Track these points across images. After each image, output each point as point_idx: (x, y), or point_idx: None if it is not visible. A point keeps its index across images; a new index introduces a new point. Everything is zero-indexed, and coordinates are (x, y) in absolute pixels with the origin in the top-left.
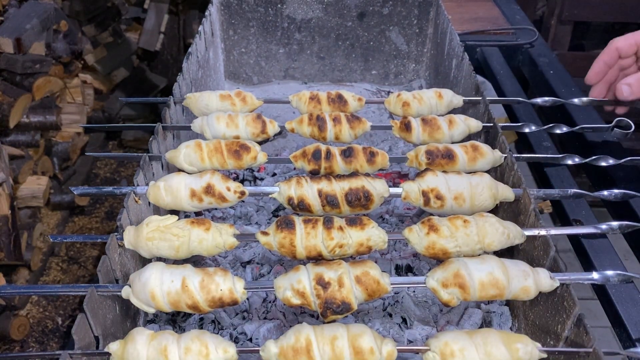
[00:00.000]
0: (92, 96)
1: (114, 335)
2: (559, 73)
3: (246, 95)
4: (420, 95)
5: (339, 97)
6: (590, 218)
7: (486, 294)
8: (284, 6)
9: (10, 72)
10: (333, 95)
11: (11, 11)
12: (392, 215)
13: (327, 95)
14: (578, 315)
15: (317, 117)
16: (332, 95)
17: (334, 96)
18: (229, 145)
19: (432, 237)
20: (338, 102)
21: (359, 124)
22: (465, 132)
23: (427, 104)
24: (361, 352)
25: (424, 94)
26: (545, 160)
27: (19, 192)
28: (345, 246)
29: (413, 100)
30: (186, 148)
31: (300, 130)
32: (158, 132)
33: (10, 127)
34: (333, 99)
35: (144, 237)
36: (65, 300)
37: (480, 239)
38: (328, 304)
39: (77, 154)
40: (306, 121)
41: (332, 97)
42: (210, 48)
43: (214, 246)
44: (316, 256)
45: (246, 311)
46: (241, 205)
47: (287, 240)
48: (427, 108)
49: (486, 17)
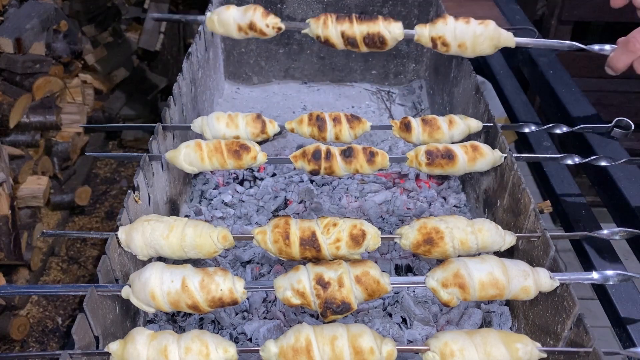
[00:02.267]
0: (92, 96)
1: (114, 335)
2: (559, 73)
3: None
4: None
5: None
6: (590, 218)
7: (486, 293)
8: (284, 6)
9: (10, 72)
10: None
11: (11, 11)
12: (392, 215)
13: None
14: (578, 315)
15: (317, 117)
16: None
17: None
18: (229, 145)
19: (423, 220)
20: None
21: (359, 124)
22: (465, 132)
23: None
24: (361, 352)
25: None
26: (545, 160)
27: (19, 192)
28: (339, 225)
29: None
30: (186, 148)
31: (300, 131)
32: (158, 132)
33: (10, 127)
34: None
35: (142, 220)
36: (65, 300)
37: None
38: (328, 303)
39: (77, 154)
40: (306, 121)
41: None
42: (210, 48)
43: (208, 234)
44: (310, 237)
45: (246, 311)
46: (241, 205)
47: (282, 221)
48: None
49: (486, 17)
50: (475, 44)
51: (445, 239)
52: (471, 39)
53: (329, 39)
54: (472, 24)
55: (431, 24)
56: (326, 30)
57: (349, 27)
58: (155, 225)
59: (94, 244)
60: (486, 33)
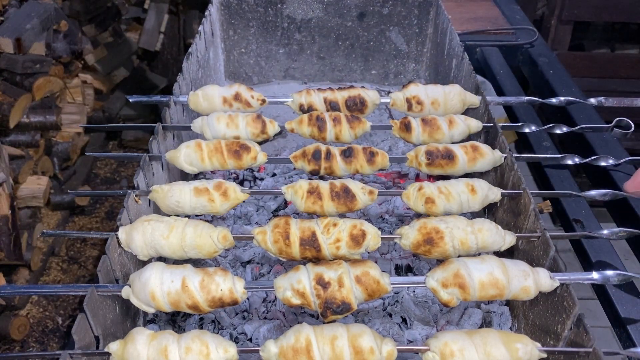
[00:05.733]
0: (92, 96)
1: (114, 335)
2: (559, 73)
3: (228, 187)
4: (449, 189)
5: (345, 190)
6: (590, 218)
7: (486, 294)
8: (284, 6)
9: (10, 72)
10: (337, 188)
11: (11, 11)
12: (392, 215)
13: (330, 188)
14: (578, 315)
15: (317, 117)
16: (337, 187)
17: (339, 189)
18: (229, 145)
19: (423, 220)
20: (344, 198)
21: (359, 124)
22: (465, 132)
23: (456, 200)
24: (361, 352)
25: (452, 188)
26: (545, 160)
27: (19, 192)
28: (339, 225)
29: (439, 196)
30: (186, 148)
31: (300, 131)
32: (158, 132)
33: (10, 127)
34: (337, 192)
35: (142, 220)
36: (65, 300)
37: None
38: (328, 304)
39: (77, 154)
40: (306, 121)
41: (337, 191)
42: (210, 48)
43: (208, 234)
44: (310, 237)
45: (246, 311)
46: (241, 205)
47: (282, 221)
48: (456, 205)
49: (486, 17)
50: (446, 101)
51: (445, 239)
52: (442, 97)
53: (313, 104)
54: (440, 86)
55: (404, 88)
56: (309, 97)
57: (331, 94)
58: (156, 225)
59: (94, 244)
60: (454, 90)
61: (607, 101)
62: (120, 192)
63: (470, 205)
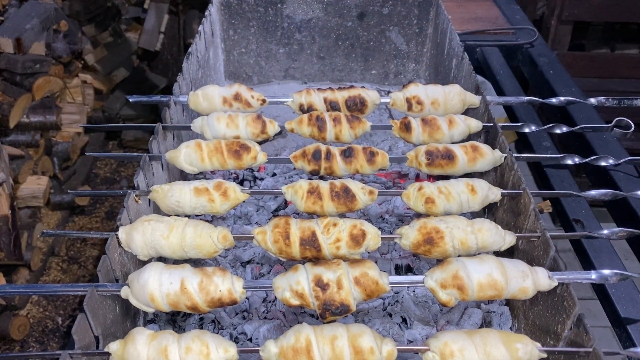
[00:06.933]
0: (92, 96)
1: (114, 335)
2: (559, 73)
3: (228, 187)
4: (449, 189)
5: (345, 190)
6: (590, 218)
7: (484, 294)
8: (284, 6)
9: (10, 72)
10: (337, 188)
11: (11, 11)
12: (392, 215)
13: (331, 188)
14: (578, 315)
15: (317, 117)
16: (337, 187)
17: (339, 189)
18: (229, 145)
19: (423, 220)
20: (344, 198)
21: (359, 124)
22: (465, 132)
23: (456, 200)
24: (361, 352)
25: (452, 188)
26: (545, 160)
27: (19, 192)
28: (339, 225)
29: (439, 196)
30: (186, 148)
31: (300, 131)
32: (158, 132)
33: (10, 127)
34: (338, 192)
35: (142, 220)
36: (65, 300)
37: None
38: (327, 305)
39: (77, 154)
40: (306, 121)
41: (337, 191)
42: (210, 48)
43: (208, 234)
44: (310, 237)
45: (246, 311)
46: (241, 205)
47: (282, 221)
48: (456, 205)
49: (486, 17)
50: (446, 101)
51: (445, 238)
52: (442, 97)
53: (313, 104)
54: (440, 86)
55: (404, 88)
56: (309, 97)
57: (331, 93)
58: (156, 225)
59: (94, 244)
60: (454, 90)
61: (607, 101)
62: (120, 192)
63: (470, 205)
